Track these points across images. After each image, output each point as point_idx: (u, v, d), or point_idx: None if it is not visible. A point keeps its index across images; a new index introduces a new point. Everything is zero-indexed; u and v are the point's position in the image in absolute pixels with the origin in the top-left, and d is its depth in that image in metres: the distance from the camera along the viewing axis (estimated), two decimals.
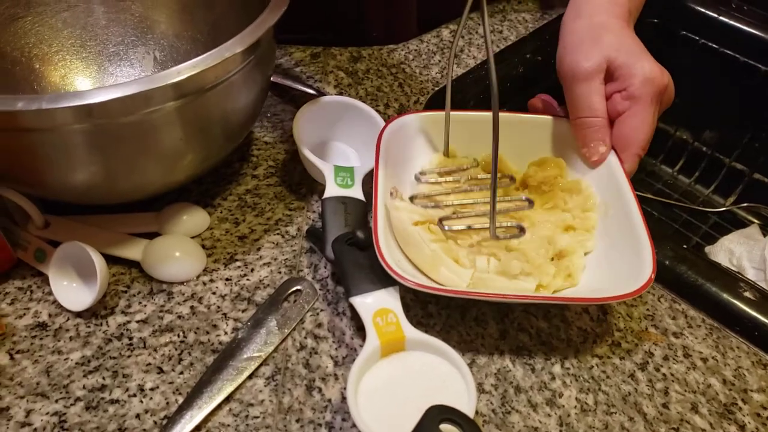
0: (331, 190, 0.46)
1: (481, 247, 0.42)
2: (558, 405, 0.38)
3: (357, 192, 0.46)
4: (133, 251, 0.43)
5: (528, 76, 0.63)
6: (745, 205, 0.73)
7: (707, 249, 0.67)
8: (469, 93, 0.59)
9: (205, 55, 0.37)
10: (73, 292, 0.41)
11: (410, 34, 0.66)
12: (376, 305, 0.38)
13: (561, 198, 0.46)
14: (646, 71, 0.44)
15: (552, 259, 0.42)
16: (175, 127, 0.40)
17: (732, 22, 0.66)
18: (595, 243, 0.44)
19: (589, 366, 0.40)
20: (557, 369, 0.40)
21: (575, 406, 0.38)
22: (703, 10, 0.67)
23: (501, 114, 0.48)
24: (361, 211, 0.45)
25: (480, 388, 0.38)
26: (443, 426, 0.30)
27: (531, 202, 0.45)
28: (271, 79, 0.54)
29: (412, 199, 0.45)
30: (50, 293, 0.42)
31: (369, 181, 0.49)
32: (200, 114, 0.41)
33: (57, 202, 0.45)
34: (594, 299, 0.38)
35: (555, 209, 0.46)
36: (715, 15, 0.67)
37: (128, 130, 0.38)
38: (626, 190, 0.43)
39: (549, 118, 0.49)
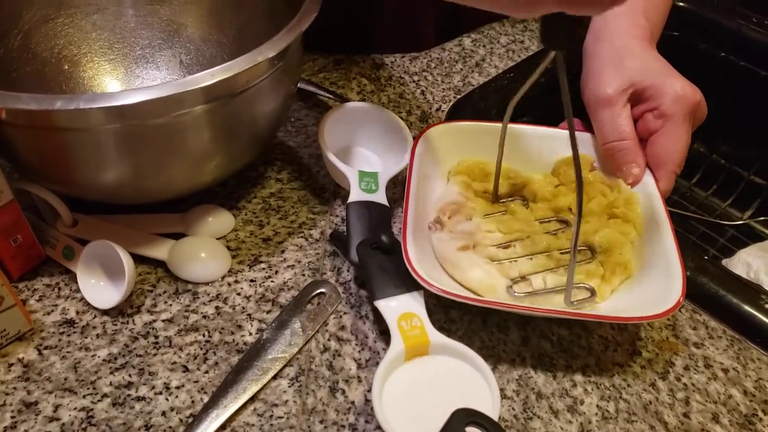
0: (356, 194, 0.46)
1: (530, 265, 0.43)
2: (579, 412, 0.38)
3: (381, 197, 0.47)
4: (159, 251, 0.44)
5: (549, 86, 0.63)
6: (762, 218, 0.73)
7: (724, 262, 0.67)
8: (491, 101, 0.59)
9: (238, 58, 0.38)
10: (100, 290, 0.42)
11: (427, 45, 0.66)
12: (400, 309, 0.39)
13: (600, 190, 0.46)
14: (677, 89, 0.44)
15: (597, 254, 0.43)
16: (204, 130, 0.41)
17: (753, 36, 0.66)
18: (638, 235, 0.43)
19: (610, 374, 0.40)
20: (578, 376, 0.40)
21: (596, 414, 0.38)
22: (723, 23, 0.68)
23: (533, 127, 0.49)
24: (385, 216, 0.46)
25: (502, 394, 0.38)
26: (469, 429, 0.30)
27: (593, 292, 0.42)
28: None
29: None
30: (78, 290, 0.42)
31: (392, 187, 0.50)
32: (229, 118, 0.41)
33: (85, 200, 0.46)
34: (620, 318, 0.38)
35: (595, 199, 0.46)
36: (736, 29, 0.67)
37: (159, 131, 0.39)
38: (660, 211, 0.43)
39: (584, 134, 0.49)
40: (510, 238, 0.44)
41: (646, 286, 0.41)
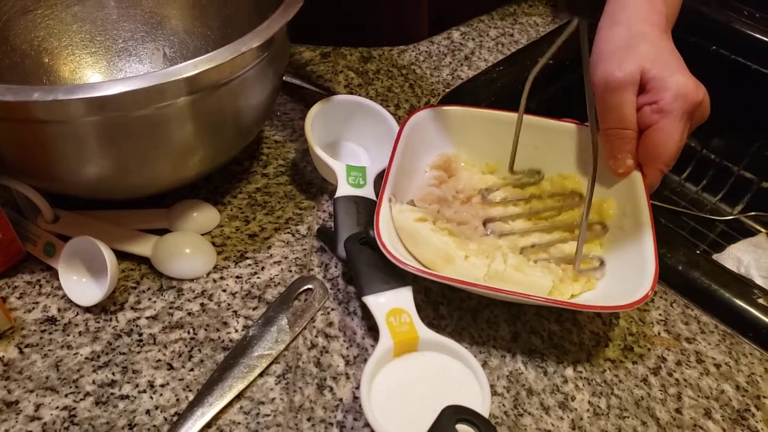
0: (343, 189, 0.45)
1: (490, 245, 0.43)
2: (570, 408, 0.38)
3: (369, 192, 0.46)
4: (142, 247, 0.43)
5: (539, 80, 0.62)
6: (752, 213, 0.73)
7: (714, 257, 0.67)
8: (481, 95, 0.58)
9: (221, 49, 0.37)
10: (82, 287, 0.41)
11: (420, 37, 0.66)
12: (389, 305, 0.38)
13: (577, 203, 0.46)
14: (679, 85, 0.43)
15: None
16: (187, 122, 0.40)
17: (744, 30, 0.66)
18: (602, 251, 0.44)
19: (601, 370, 0.40)
20: (569, 372, 0.39)
21: (588, 410, 0.38)
22: (714, 16, 0.67)
23: (528, 116, 0.48)
24: (373, 211, 0.45)
25: (492, 390, 0.38)
26: (459, 426, 0.30)
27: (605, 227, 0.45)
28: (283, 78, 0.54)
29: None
30: (59, 288, 0.41)
31: (380, 181, 0.49)
32: (213, 110, 0.41)
33: (66, 196, 0.44)
34: (588, 306, 0.38)
35: (566, 213, 0.46)
36: (727, 22, 0.67)
37: (141, 123, 0.38)
38: (643, 206, 0.43)
39: (575, 126, 0.48)
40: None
41: (621, 277, 0.41)
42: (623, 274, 0.41)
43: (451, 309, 0.42)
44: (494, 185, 0.48)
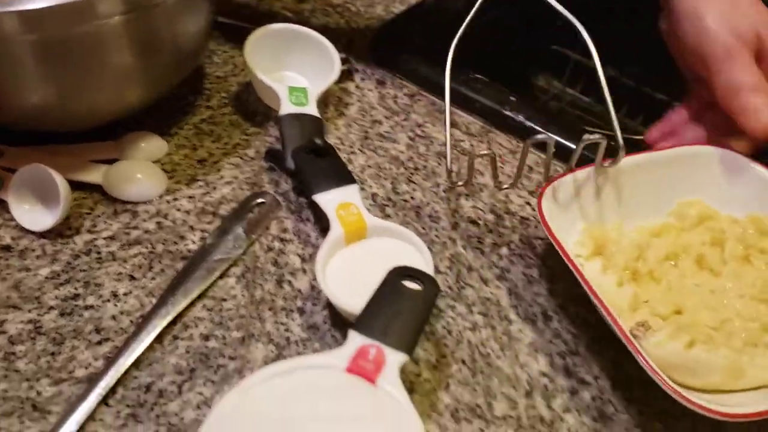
0: (286, 108, 0.47)
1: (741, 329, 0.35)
2: (506, 279, 0.42)
3: (312, 109, 0.48)
4: (93, 175, 0.44)
5: (499, 39, 0.65)
6: None
7: None
8: (414, 31, 0.61)
9: None
10: (35, 215, 0.42)
11: None
12: (338, 200, 0.41)
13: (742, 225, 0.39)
14: None
15: None
16: (123, 43, 0.41)
17: None
18: None
19: (532, 246, 0.44)
20: (504, 250, 0.43)
21: (522, 279, 0.42)
22: None
23: (635, 157, 0.41)
24: (317, 125, 0.47)
25: (436, 269, 0.41)
26: (405, 282, 0.33)
27: None
28: (219, 18, 0.56)
29: None
30: (11, 219, 0.42)
31: (322, 106, 0.52)
32: (148, 31, 0.42)
33: (12, 132, 0.45)
34: None
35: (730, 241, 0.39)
36: None
37: (77, 42, 0.39)
38: None
39: (693, 147, 0.42)
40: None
41: None
42: None
43: (397, 209, 0.45)
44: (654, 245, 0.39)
